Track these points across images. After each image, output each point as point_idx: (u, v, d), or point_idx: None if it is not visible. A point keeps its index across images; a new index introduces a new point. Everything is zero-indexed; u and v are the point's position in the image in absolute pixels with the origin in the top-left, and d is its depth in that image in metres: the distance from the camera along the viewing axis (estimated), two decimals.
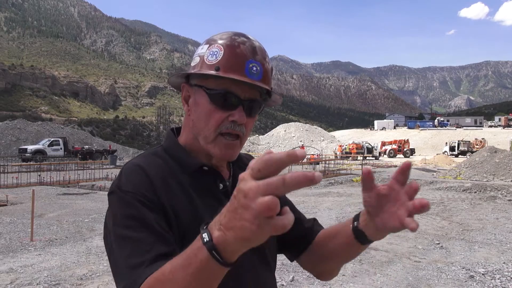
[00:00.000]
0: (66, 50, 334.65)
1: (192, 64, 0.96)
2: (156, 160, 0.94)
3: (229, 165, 1.03)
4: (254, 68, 0.91)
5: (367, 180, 0.77)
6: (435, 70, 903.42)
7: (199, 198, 0.91)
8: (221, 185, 0.96)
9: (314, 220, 1.12)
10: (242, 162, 1.05)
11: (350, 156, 36.79)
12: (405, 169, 0.74)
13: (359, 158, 35.68)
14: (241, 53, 0.90)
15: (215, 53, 0.91)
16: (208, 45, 0.93)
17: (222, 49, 0.91)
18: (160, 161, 0.94)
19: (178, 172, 0.93)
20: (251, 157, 1.13)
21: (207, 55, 0.92)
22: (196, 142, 0.96)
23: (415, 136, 64.30)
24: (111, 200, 0.88)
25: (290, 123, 64.88)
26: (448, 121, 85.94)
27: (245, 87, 0.91)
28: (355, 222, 0.89)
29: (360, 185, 0.79)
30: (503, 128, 73.01)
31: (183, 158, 0.95)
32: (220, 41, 0.92)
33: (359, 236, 0.88)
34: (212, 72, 0.90)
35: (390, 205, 0.76)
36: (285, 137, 55.87)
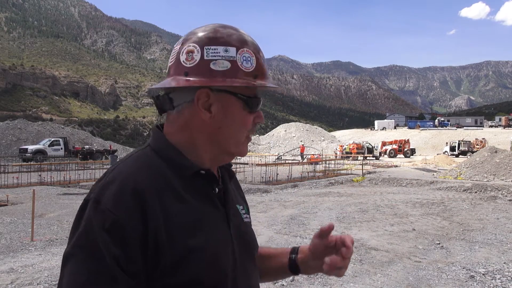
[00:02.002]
0: (66, 50, 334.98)
1: (217, 68, 0.86)
2: (148, 166, 0.86)
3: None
4: (269, 72, 0.93)
5: (327, 231, 0.98)
6: (436, 70, 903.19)
7: (198, 204, 0.87)
8: (216, 189, 0.92)
9: None
10: (228, 164, 1.02)
11: (351, 156, 36.77)
12: (347, 244, 0.98)
13: (359, 158, 35.66)
14: (262, 57, 0.92)
15: (249, 59, 0.88)
16: (235, 49, 0.87)
17: (253, 55, 0.89)
18: (153, 166, 0.86)
19: (173, 178, 0.86)
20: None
21: (241, 60, 0.87)
22: (208, 147, 0.91)
23: (415, 136, 64.24)
24: (83, 209, 0.81)
25: (291, 123, 64.86)
26: (448, 121, 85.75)
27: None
28: (293, 255, 1.06)
29: (320, 234, 0.99)
30: (504, 128, 72.83)
31: (178, 160, 0.88)
32: (245, 45, 0.89)
33: (293, 268, 1.06)
34: (268, 84, 0.90)
35: (330, 254, 0.97)
36: (286, 137, 55.85)
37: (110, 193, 0.79)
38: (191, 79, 0.86)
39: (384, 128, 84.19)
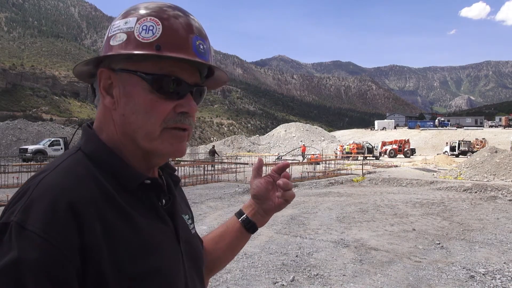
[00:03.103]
0: (66, 50, 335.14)
1: (114, 43, 0.73)
2: (83, 176, 0.69)
3: (159, 173, 0.85)
4: (201, 46, 0.76)
5: (257, 169, 0.99)
6: (436, 70, 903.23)
7: (145, 220, 0.73)
8: (163, 201, 0.79)
9: None
10: (170, 168, 0.87)
11: (351, 156, 36.78)
12: (282, 167, 0.98)
13: (359, 158, 35.66)
14: (184, 28, 0.74)
15: (151, 28, 0.72)
16: (135, 19, 0.73)
17: (160, 23, 0.73)
18: (89, 177, 0.69)
19: (114, 190, 0.70)
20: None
21: (138, 30, 0.72)
22: (126, 143, 0.75)
23: (415, 136, 64.25)
24: (0, 234, 0.61)
25: (291, 123, 64.80)
26: (448, 121, 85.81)
27: (190, 70, 0.76)
28: (243, 216, 1.01)
29: (255, 174, 1.00)
30: (504, 128, 72.89)
31: (120, 170, 0.73)
32: (153, 13, 0.74)
33: (250, 227, 1.01)
34: (153, 52, 0.71)
35: (273, 191, 0.98)
36: (286, 137, 55.86)
37: (37, 213, 0.61)
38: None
39: (384, 128, 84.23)
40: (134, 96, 0.73)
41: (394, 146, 44.72)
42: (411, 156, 42.88)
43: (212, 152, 28.55)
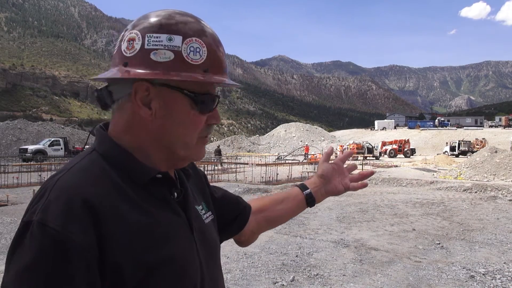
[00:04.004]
0: (66, 50, 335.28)
1: (158, 58, 0.75)
2: (98, 175, 0.74)
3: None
4: (225, 64, 0.83)
5: (329, 154, 1.23)
6: (436, 70, 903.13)
7: (158, 213, 0.78)
8: (175, 194, 0.83)
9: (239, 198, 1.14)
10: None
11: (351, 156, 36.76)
12: (347, 155, 1.23)
13: (359, 158, 35.67)
14: (220, 49, 0.81)
15: (198, 50, 0.76)
16: (180, 37, 0.76)
17: (205, 46, 0.77)
18: (103, 175, 0.75)
19: (127, 186, 0.76)
20: None
21: (187, 51, 0.75)
22: (156, 148, 0.80)
23: (415, 136, 64.22)
24: (23, 233, 0.67)
25: (291, 123, 64.85)
26: (448, 121, 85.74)
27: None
28: (307, 191, 1.15)
29: (325, 158, 1.21)
30: (504, 128, 72.87)
31: (130, 166, 0.77)
32: (195, 34, 0.77)
33: (311, 201, 1.16)
34: (223, 79, 0.79)
35: (336, 176, 1.17)
36: (286, 137, 55.88)
37: (56, 211, 0.67)
38: (129, 70, 0.75)
39: (384, 128, 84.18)
40: (177, 111, 0.77)
41: (394, 146, 44.69)
42: (411, 156, 42.86)
43: (218, 152, 28.83)
